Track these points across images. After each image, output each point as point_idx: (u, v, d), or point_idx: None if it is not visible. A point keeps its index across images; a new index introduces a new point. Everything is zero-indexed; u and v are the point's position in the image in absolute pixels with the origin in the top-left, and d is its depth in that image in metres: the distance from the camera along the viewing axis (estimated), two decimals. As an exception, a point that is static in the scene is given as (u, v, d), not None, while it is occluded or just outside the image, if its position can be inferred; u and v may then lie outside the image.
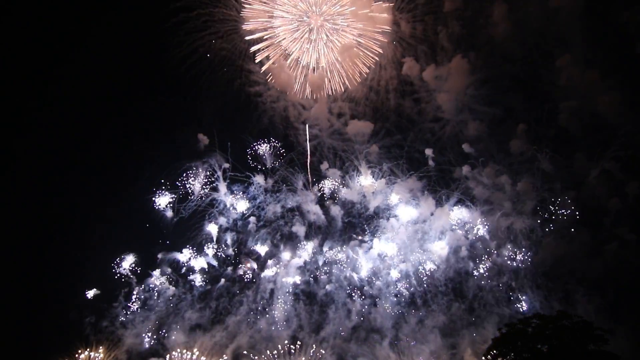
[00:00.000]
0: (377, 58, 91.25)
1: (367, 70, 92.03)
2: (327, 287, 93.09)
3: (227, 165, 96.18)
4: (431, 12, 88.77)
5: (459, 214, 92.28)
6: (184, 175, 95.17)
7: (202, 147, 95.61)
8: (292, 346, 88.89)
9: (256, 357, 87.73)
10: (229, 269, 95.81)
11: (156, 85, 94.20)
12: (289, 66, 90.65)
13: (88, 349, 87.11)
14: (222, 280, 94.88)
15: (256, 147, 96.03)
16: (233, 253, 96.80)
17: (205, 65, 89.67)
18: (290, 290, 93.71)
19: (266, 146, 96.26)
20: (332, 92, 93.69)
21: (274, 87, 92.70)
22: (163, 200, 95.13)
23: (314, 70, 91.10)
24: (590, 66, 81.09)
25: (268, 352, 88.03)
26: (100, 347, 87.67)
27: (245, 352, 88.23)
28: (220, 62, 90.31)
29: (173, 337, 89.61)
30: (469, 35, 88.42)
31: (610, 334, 55.17)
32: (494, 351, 58.32)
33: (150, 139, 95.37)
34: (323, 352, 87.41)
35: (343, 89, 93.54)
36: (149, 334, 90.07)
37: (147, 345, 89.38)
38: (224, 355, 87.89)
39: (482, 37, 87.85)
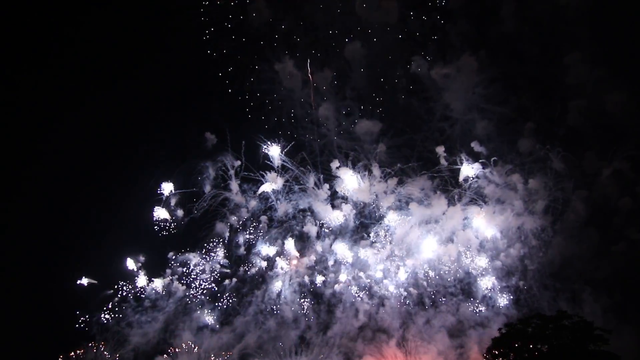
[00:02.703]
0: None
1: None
2: (336, 287, 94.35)
3: (237, 163, 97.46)
4: (438, 8, 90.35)
5: (469, 213, 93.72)
6: (195, 174, 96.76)
7: (210, 146, 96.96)
8: (300, 348, 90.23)
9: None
10: (241, 269, 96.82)
11: (162, 83, 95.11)
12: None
13: (94, 348, 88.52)
14: (233, 280, 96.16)
15: (266, 146, 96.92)
16: (244, 253, 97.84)
17: (211, 63, 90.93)
18: (299, 290, 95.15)
19: (276, 145, 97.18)
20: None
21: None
22: (173, 199, 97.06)
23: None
24: (600, 64, 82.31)
25: (275, 352, 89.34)
26: (107, 346, 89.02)
27: (252, 352, 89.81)
28: (227, 60, 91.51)
29: (180, 337, 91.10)
30: (478, 33, 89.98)
31: (610, 334, 56.30)
32: (495, 351, 59.73)
33: (159, 137, 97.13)
34: (330, 351, 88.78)
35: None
36: (157, 333, 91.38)
37: (154, 344, 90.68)
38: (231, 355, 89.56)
39: (491, 34, 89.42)
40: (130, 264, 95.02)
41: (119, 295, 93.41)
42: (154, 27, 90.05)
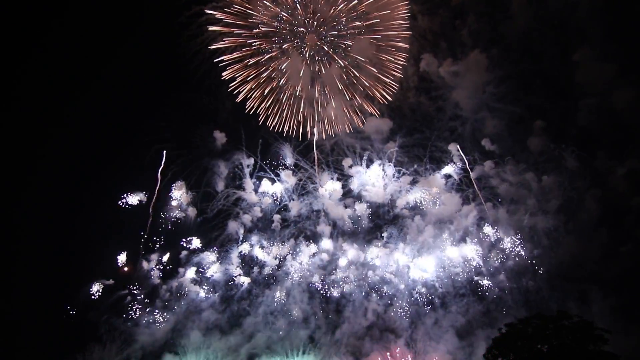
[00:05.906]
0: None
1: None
2: (346, 287, 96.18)
3: (249, 162, 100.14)
4: (446, 4, 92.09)
5: (481, 212, 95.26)
6: (208, 173, 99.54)
7: (220, 145, 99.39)
8: (308, 347, 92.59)
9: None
10: (255, 269, 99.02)
11: (168, 82, 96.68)
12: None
13: (100, 347, 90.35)
14: (245, 281, 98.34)
15: (276, 145, 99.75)
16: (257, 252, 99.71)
17: (217, 61, 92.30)
18: (308, 289, 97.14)
19: (286, 144, 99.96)
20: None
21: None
22: (185, 199, 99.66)
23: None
24: (611, 61, 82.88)
25: (283, 351, 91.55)
26: (113, 345, 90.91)
27: (260, 351, 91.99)
28: (231, 58, 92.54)
29: (190, 336, 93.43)
30: (487, 29, 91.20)
31: (610, 334, 56.99)
32: (495, 351, 61.03)
33: (166, 137, 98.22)
34: (338, 350, 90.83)
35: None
36: (166, 333, 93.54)
37: (162, 344, 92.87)
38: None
39: (501, 31, 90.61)
40: (143, 263, 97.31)
41: (129, 296, 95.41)
42: (161, 25, 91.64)
